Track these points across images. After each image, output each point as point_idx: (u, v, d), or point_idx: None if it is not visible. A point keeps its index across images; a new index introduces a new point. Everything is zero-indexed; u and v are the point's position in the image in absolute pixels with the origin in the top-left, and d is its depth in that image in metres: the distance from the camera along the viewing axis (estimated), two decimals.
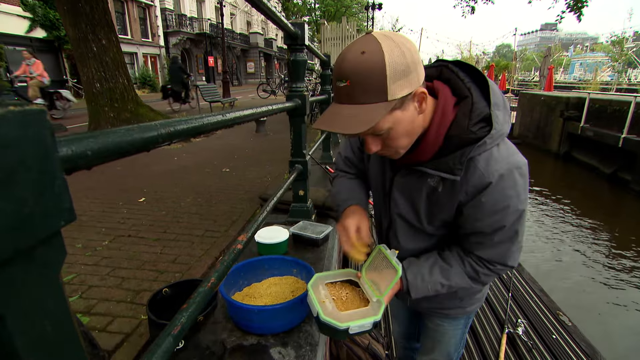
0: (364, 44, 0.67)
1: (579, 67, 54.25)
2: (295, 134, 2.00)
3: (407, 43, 0.68)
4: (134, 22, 19.08)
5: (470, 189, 0.78)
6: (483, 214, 0.78)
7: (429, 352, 1.27)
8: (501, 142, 0.77)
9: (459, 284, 0.90)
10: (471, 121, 0.75)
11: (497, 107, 0.76)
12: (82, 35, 5.58)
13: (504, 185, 0.75)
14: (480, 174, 0.75)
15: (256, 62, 31.77)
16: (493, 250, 0.84)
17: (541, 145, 11.31)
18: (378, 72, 0.65)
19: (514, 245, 0.83)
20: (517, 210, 0.78)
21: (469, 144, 0.74)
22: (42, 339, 0.33)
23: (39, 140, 0.30)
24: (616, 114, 8.68)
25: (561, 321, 2.67)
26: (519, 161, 0.78)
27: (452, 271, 0.89)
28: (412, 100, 0.71)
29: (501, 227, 0.79)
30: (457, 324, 1.16)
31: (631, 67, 41.44)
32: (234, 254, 0.95)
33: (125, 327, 1.47)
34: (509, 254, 0.84)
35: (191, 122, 0.67)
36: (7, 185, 0.28)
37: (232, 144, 5.91)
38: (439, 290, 0.91)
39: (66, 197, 0.34)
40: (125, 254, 2.12)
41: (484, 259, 0.86)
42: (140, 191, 3.30)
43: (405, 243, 0.98)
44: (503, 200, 0.76)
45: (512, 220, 0.79)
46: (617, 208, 7.53)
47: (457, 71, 0.81)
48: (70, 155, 0.39)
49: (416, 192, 0.87)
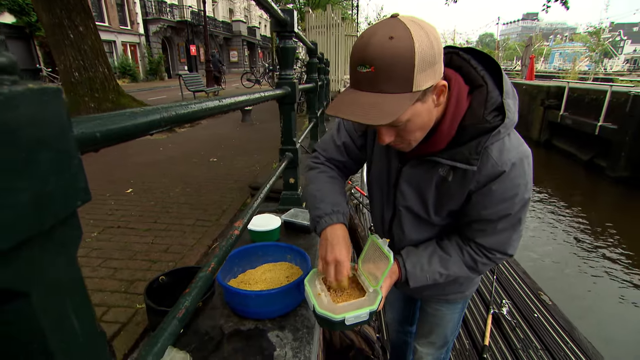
0: (391, 29, 0.62)
1: (559, 56, 55.44)
2: (285, 121, 1.99)
3: (435, 32, 0.65)
4: (111, 9, 18.35)
5: (482, 178, 0.77)
6: (492, 202, 0.78)
7: (426, 336, 1.29)
8: (511, 131, 0.77)
9: (457, 273, 0.90)
10: (486, 110, 0.74)
11: (508, 95, 0.75)
12: (57, 21, 5.34)
13: (515, 174, 0.75)
14: (494, 162, 0.75)
15: (239, 51, 31.15)
16: (495, 237, 0.84)
17: (524, 133, 11.31)
18: (407, 60, 0.61)
19: (516, 233, 0.84)
20: (523, 198, 0.79)
21: (484, 133, 0.74)
22: (64, 318, 0.34)
23: (57, 119, 0.30)
24: (593, 102, 8.96)
25: (542, 300, 2.79)
26: (527, 150, 0.79)
27: (451, 261, 0.89)
28: (432, 92, 0.69)
29: (507, 214, 0.80)
30: (455, 308, 1.18)
31: (607, 57, 42.61)
32: (231, 239, 0.96)
33: (121, 316, 1.47)
34: (510, 242, 0.85)
35: (191, 107, 0.67)
36: (29, 164, 0.28)
37: (219, 134, 5.83)
38: (437, 279, 0.91)
39: (82, 176, 0.34)
40: (116, 245, 2.09)
41: (484, 246, 0.86)
42: (127, 182, 3.24)
43: (410, 234, 0.97)
44: (512, 188, 0.76)
45: (518, 209, 0.79)
46: (593, 193, 7.84)
47: (469, 59, 0.79)
48: (81, 136, 0.39)
49: (425, 182, 0.85)
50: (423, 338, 1.31)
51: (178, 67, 23.63)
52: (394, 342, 1.70)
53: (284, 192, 2.16)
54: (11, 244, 0.27)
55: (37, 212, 0.29)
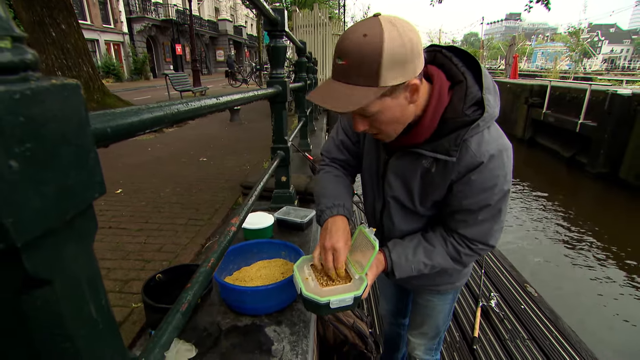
0: (368, 27, 0.67)
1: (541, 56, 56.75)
2: (276, 120, 2.00)
3: (411, 33, 0.68)
4: (92, 7, 17.92)
5: (462, 168, 0.81)
6: (472, 192, 0.82)
7: (418, 327, 1.32)
8: (491, 124, 0.81)
9: (441, 264, 0.93)
10: (465, 105, 0.78)
11: (488, 91, 0.80)
12: (38, 19, 5.20)
13: (493, 166, 0.79)
14: (472, 154, 0.79)
15: (226, 50, 30.86)
16: (476, 228, 0.87)
17: (508, 131, 11.61)
18: (374, 57, 0.66)
19: (497, 224, 0.87)
20: (502, 189, 0.82)
21: (463, 126, 0.78)
22: (83, 304, 0.35)
23: (77, 114, 0.32)
24: (574, 100, 9.23)
25: (528, 292, 2.88)
26: (507, 144, 0.82)
27: (434, 251, 0.93)
28: (404, 90, 0.73)
29: (487, 205, 0.83)
30: (445, 298, 1.21)
31: (586, 56, 43.86)
32: (229, 236, 0.97)
33: (117, 316, 1.43)
34: (491, 232, 0.88)
35: (192, 104, 0.68)
36: (53, 157, 0.29)
37: (207, 134, 5.79)
38: (422, 270, 0.94)
39: (98, 170, 0.35)
40: (108, 245, 2.06)
41: (466, 237, 0.89)
42: (116, 183, 3.19)
43: (400, 224, 1.01)
44: (491, 179, 0.80)
45: (497, 199, 0.82)
46: (575, 189, 8.08)
47: (450, 56, 0.83)
48: (96, 131, 0.40)
49: (410, 173, 0.89)
50: (415, 329, 1.34)
51: (163, 67, 23.26)
52: (388, 334, 1.74)
53: (276, 190, 2.17)
54: (39, 233, 0.28)
55: (61, 203, 0.30)
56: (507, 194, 0.84)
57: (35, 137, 0.27)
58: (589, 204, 7.29)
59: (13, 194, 0.26)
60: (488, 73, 0.82)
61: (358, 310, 2.24)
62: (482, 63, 9.43)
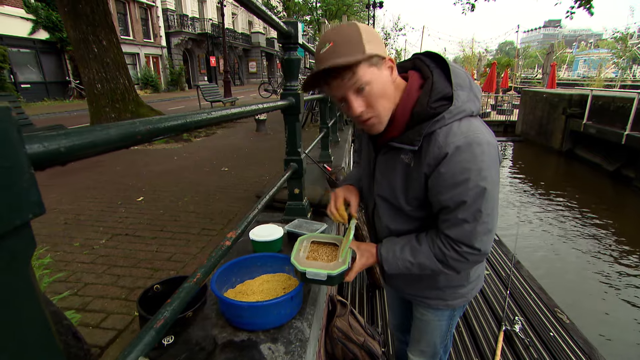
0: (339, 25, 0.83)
1: (583, 63, 53.84)
2: (289, 132, 2.01)
3: (376, 32, 0.85)
4: (135, 23, 19.15)
5: (431, 160, 0.83)
6: (444, 186, 0.83)
7: (415, 343, 1.31)
8: (464, 119, 0.83)
9: (426, 265, 0.94)
10: (431, 98, 0.83)
11: (460, 87, 0.84)
12: (83, 36, 5.62)
13: (461, 158, 0.80)
14: (439, 145, 0.81)
15: (258, 62, 31.79)
16: (458, 228, 0.87)
17: (544, 142, 11.25)
18: (356, 34, 0.79)
19: (479, 226, 0.85)
20: (477, 186, 0.81)
21: (428, 118, 0.83)
22: (13, 333, 0.34)
23: (4, 137, 0.32)
24: (619, 110, 8.62)
25: (559, 319, 2.66)
26: (481, 138, 0.81)
27: (420, 250, 0.94)
28: (385, 65, 0.84)
29: (462, 202, 0.83)
30: (441, 315, 1.18)
31: (636, 63, 41.10)
32: (221, 250, 0.96)
33: (118, 323, 1.50)
34: (475, 234, 0.86)
35: (176, 120, 0.69)
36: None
37: (232, 144, 5.93)
38: (410, 267, 0.96)
39: (34, 191, 0.35)
40: (121, 252, 2.14)
41: (450, 238, 0.89)
42: (139, 190, 3.33)
43: (389, 223, 1.04)
44: (461, 172, 0.80)
45: (473, 197, 0.82)
46: (621, 205, 7.48)
47: (424, 59, 0.91)
48: (42, 152, 0.41)
49: (393, 170, 0.94)
50: (413, 345, 1.33)
51: (198, 78, 24.31)
52: (397, 352, 1.69)
53: (289, 202, 2.16)
54: None
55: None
56: (485, 192, 0.82)
57: None
58: (637, 222, 6.71)
59: None
60: (463, 73, 0.87)
61: (370, 328, 2.17)
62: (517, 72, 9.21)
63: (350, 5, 27.40)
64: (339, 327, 1.94)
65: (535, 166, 10.40)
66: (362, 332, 2.05)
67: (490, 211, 0.85)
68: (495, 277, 3.22)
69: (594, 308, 3.77)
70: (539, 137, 11.58)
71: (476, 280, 1.12)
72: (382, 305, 2.81)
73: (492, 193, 0.83)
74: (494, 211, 0.86)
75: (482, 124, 0.87)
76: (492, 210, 0.85)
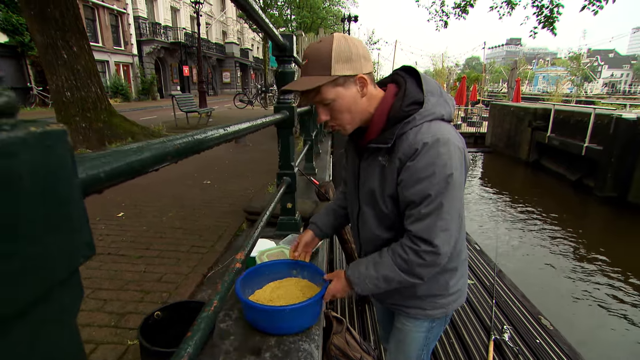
0: (324, 39, 0.91)
1: (542, 79, 57.47)
2: (283, 146, 1.97)
3: (357, 42, 0.91)
4: (105, 30, 18.50)
5: (402, 156, 0.90)
6: (412, 180, 0.89)
7: (392, 353, 1.29)
8: (435, 121, 0.91)
9: (390, 276, 0.96)
10: (404, 103, 0.92)
11: (430, 93, 0.93)
12: (51, 41, 5.32)
13: (430, 154, 0.87)
14: (410, 143, 0.89)
15: (232, 72, 31.51)
16: (420, 223, 0.90)
17: (512, 154, 11.80)
18: (326, 54, 0.88)
19: (440, 220, 0.89)
20: (442, 179, 0.86)
21: (401, 120, 0.91)
22: None
23: (61, 165, 0.27)
24: (579, 124, 9.21)
25: (543, 325, 2.74)
26: (448, 137, 0.88)
27: (382, 263, 0.97)
28: (354, 82, 0.91)
29: (427, 195, 0.88)
30: (419, 326, 1.16)
31: (587, 80, 44.43)
32: (233, 273, 0.90)
33: (110, 354, 1.33)
34: (435, 229, 0.89)
35: (197, 137, 0.64)
36: (29, 222, 0.24)
37: (212, 156, 5.78)
38: (376, 283, 0.98)
39: (86, 229, 0.30)
40: (106, 274, 1.97)
41: (412, 233, 0.92)
42: (118, 205, 3.13)
43: (373, 228, 1.06)
44: (427, 167, 0.87)
45: (438, 190, 0.87)
46: (584, 213, 7.93)
47: (400, 73, 1.01)
48: (85, 179, 0.35)
49: (372, 173, 1.00)
50: (391, 356, 1.31)
51: (170, 88, 23.72)
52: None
53: (281, 217, 2.10)
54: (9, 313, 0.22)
55: (34, 278, 0.24)
56: (449, 187, 0.87)
57: (3, 200, 0.22)
58: (599, 228, 7.12)
59: None
60: (433, 81, 0.97)
61: (365, 344, 2.13)
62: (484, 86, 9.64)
63: (325, 18, 27.90)
64: (336, 345, 1.89)
65: (505, 176, 10.87)
66: (359, 349, 2.01)
67: (451, 209, 0.89)
68: (480, 286, 3.28)
69: (568, 311, 3.92)
70: (508, 149, 12.13)
71: (457, 293, 1.13)
72: (373, 319, 2.78)
73: (455, 192, 0.89)
74: (455, 211, 0.91)
75: (453, 129, 0.93)
76: (452, 209, 0.90)
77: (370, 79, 0.94)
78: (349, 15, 20.75)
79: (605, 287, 4.60)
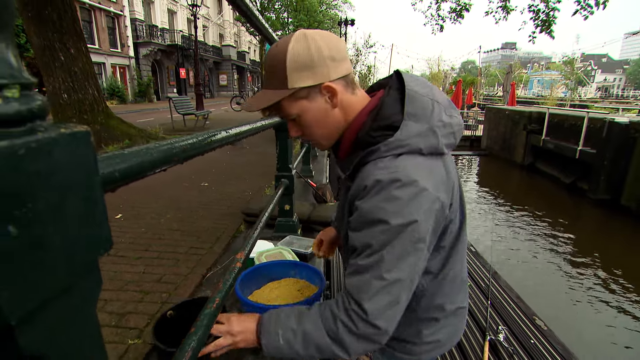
0: (282, 40, 0.73)
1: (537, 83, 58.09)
2: (281, 148, 1.99)
3: (323, 40, 0.70)
4: (102, 32, 18.49)
5: (354, 191, 0.74)
6: (357, 222, 0.72)
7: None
8: (405, 155, 0.70)
9: (311, 336, 0.72)
10: (373, 124, 0.73)
11: (413, 118, 0.71)
12: (48, 43, 5.32)
13: (380, 196, 0.67)
14: (363, 177, 0.71)
15: (229, 75, 31.55)
16: (356, 277, 0.71)
17: (508, 157, 11.90)
18: (280, 63, 0.70)
19: (377, 280, 0.68)
20: (389, 231, 0.66)
21: (365, 147, 0.73)
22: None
23: (86, 164, 0.29)
24: (573, 127, 9.32)
25: (537, 325, 2.77)
26: (415, 179, 0.66)
27: (307, 315, 0.75)
28: (320, 93, 0.73)
29: (368, 245, 0.69)
30: None
31: (581, 85, 44.96)
32: (234, 272, 0.93)
33: (111, 354, 1.34)
34: (368, 288, 0.68)
35: (200, 138, 0.66)
36: (57, 215, 0.26)
37: (209, 158, 5.79)
38: (290, 339, 0.73)
39: (105, 223, 0.32)
40: (105, 275, 1.98)
41: (346, 287, 0.73)
42: (116, 207, 3.14)
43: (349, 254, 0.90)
44: (374, 211, 0.68)
45: (381, 242, 0.67)
46: (577, 215, 8.01)
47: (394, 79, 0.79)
48: (104, 176, 0.37)
49: (343, 196, 0.87)
50: None
51: (167, 90, 23.70)
52: None
53: (279, 218, 2.13)
54: (36, 305, 0.24)
55: (63, 268, 0.27)
56: (396, 244, 0.67)
57: (38, 195, 0.24)
58: (592, 230, 7.20)
59: (9, 264, 0.22)
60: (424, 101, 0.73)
61: None
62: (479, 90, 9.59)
63: (322, 21, 28.08)
64: None
65: (501, 179, 10.96)
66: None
67: (397, 269, 0.68)
68: (475, 288, 3.31)
69: (562, 311, 3.97)
70: (503, 152, 12.24)
71: (434, 343, 0.90)
72: None
73: (410, 247, 0.67)
74: (405, 273, 0.68)
75: (430, 169, 0.70)
76: (400, 270, 0.68)
77: (344, 84, 0.74)
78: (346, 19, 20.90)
79: (598, 287, 4.66)
